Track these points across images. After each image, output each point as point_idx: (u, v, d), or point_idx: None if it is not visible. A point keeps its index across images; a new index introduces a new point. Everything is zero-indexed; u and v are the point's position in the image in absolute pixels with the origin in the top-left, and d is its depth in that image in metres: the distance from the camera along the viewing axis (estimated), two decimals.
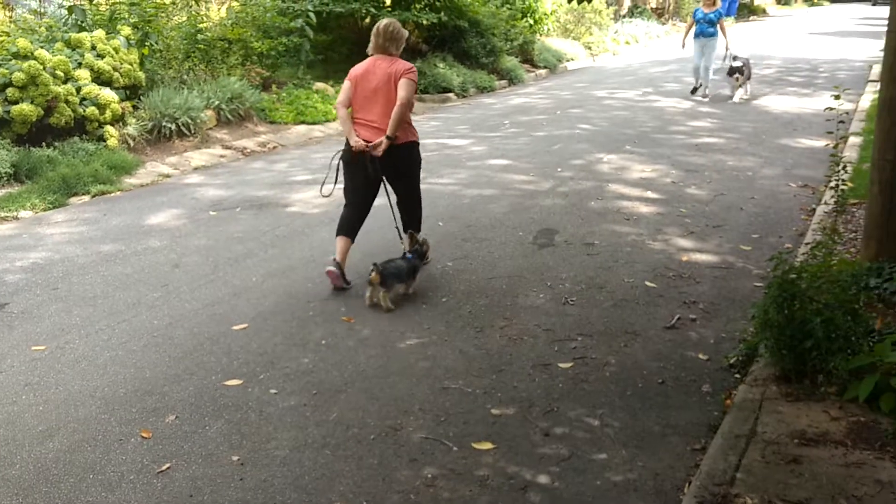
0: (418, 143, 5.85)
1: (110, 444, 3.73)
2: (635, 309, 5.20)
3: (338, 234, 5.73)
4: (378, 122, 5.56)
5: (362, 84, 5.60)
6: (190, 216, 7.43)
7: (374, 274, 5.19)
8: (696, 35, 13.59)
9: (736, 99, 13.41)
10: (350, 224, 5.76)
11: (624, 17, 27.77)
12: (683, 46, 14.06)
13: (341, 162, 5.73)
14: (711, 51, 13.48)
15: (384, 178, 5.74)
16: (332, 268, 5.56)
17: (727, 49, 13.59)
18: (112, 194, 8.35)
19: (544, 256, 6.19)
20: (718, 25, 13.40)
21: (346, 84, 5.69)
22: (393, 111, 5.46)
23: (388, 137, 5.50)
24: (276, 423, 3.89)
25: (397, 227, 5.82)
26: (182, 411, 4.01)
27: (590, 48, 22.13)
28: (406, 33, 5.79)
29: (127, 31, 10.46)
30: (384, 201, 5.92)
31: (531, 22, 19.09)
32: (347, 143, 5.65)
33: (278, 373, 4.40)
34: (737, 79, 13.30)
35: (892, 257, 4.84)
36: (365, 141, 5.53)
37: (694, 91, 14.13)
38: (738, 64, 13.26)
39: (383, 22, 5.69)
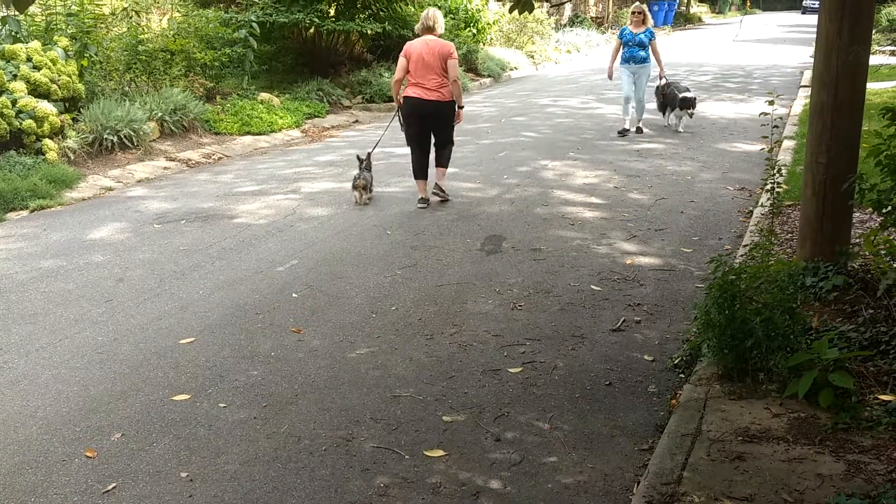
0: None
1: (53, 466, 3.64)
2: (582, 312, 5.28)
3: (416, 178, 7.96)
4: (429, 85, 7.66)
5: (416, 57, 7.67)
6: (134, 229, 7.29)
7: (359, 181, 7.89)
8: (625, 60, 11.31)
9: (681, 128, 11.59)
10: (421, 166, 7.93)
11: (565, 26, 28.16)
12: (611, 76, 11.56)
13: (401, 121, 7.93)
14: (644, 79, 11.39)
15: (432, 126, 7.84)
16: (421, 205, 7.78)
17: (661, 77, 11.59)
18: (52, 209, 8.15)
19: (492, 263, 6.25)
20: (651, 48, 11.26)
21: (402, 60, 7.78)
22: (453, 88, 7.74)
23: (459, 107, 7.91)
24: (225, 438, 3.84)
25: (366, 155, 8.21)
26: (128, 428, 3.94)
27: (532, 57, 22.38)
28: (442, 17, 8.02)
29: (64, 42, 10.24)
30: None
31: (474, 31, 19.22)
32: (406, 105, 7.78)
33: (227, 386, 4.35)
34: (690, 114, 11.42)
35: (827, 257, 5.01)
36: (417, 98, 7.68)
37: (623, 133, 11.52)
38: (690, 95, 11.38)
39: (430, 10, 8.02)
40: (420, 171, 7.92)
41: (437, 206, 7.89)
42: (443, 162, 8.02)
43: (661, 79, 11.59)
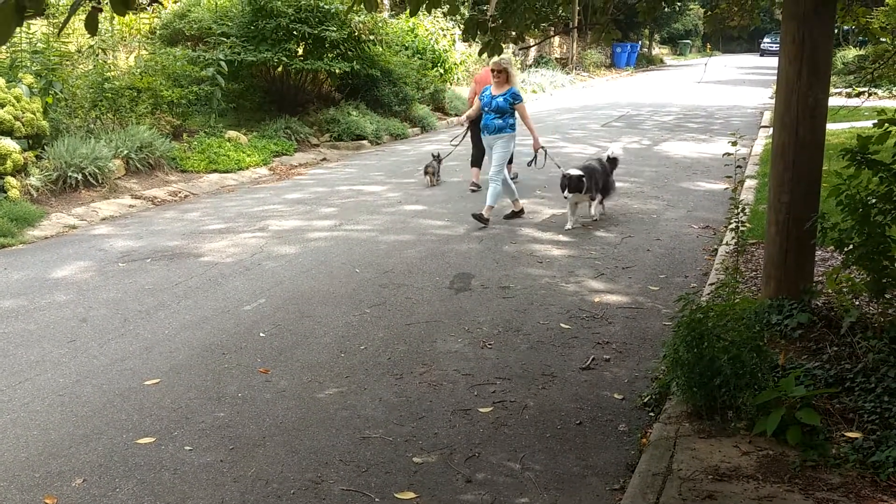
0: None
1: None
2: (551, 351, 5.29)
3: (472, 166, 10.46)
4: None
5: (483, 83, 9.56)
6: (98, 268, 7.18)
7: (429, 168, 10.86)
8: (482, 128, 8.94)
9: (569, 225, 8.45)
10: (477, 159, 10.33)
11: (530, 67, 28.61)
12: (465, 125, 10.13)
13: (471, 127, 10.16)
14: (501, 153, 8.69)
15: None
16: (474, 188, 10.35)
17: (536, 150, 9.07)
18: (13, 247, 7.99)
19: (461, 301, 6.25)
20: (518, 113, 8.79)
21: (474, 85, 10.51)
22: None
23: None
24: (191, 482, 3.76)
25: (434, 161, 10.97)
26: (90, 474, 3.84)
27: None
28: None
29: (29, 79, 10.15)
30: None
31: (441, 71, 19.46)
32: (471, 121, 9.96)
33: (193, 428, 4.27)
34: (566, 197, 8.35)
35: (791, 295, 5.09)
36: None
37: (513, 215, 8.96)
38: (574, 174, 8.30)
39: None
40: (476, 163, 10.35)
41: (402, 246, 7.90)
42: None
43: (536, 151, 9.10)
